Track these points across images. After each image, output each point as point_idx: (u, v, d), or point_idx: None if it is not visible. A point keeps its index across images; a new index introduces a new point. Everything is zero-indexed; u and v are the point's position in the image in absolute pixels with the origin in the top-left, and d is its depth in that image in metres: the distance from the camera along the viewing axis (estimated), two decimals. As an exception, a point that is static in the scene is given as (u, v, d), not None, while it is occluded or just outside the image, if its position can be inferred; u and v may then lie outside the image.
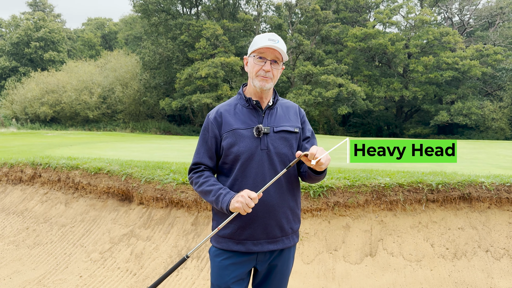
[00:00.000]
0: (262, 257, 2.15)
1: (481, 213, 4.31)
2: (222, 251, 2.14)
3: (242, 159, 2.07)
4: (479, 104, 33.30)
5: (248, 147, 2.07)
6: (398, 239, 4.19)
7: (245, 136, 2.08)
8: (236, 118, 2.12)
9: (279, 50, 2.06)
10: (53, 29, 48.34)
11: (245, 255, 2.12)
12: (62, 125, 36.60)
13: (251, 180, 2.07)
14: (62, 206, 5.72)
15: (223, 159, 2.13)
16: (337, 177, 4.55)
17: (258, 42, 2.09)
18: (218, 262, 2.13)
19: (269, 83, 2.10)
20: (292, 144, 2.16)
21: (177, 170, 5.23)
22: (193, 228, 4.61)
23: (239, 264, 2.11)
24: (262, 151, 2.08)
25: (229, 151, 2.09)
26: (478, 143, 17.86)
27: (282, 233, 2.15)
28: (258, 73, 2.09)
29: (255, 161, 2.07)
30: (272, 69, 2.09)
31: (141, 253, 4.52)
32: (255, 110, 2.15)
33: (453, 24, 40.87)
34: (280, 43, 2.07)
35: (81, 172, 5.72)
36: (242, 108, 2.16)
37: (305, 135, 2.27)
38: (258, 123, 2.11)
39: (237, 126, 2.10)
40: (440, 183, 4.33)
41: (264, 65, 2.08)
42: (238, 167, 2.08)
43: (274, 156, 2.09)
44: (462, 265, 3.96)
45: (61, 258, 4.77)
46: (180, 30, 34.77)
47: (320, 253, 4.15)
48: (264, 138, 2.09)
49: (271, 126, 2.12)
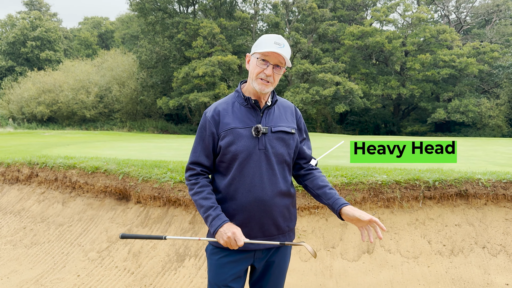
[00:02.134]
0: (259, 254, 2.16)
1: (477, 210, 4.33)
2: (220, 249, 2.14)
3: (240, 159, 2.07)
4: (476, 102, 33.41)
5: (246, 147, 2.06)
6: (395, 236, 4.21)
7: (243, 135, 2.08)
8: (234, 116, 2.12)
9: (284, 56, 2.03)
10: (49, 28, 48.15)
11: (242, 253, 2.13)
12: (59, 125, 36.51)
13: (249, 180, 2.07)
14: (59, 205, 5.71)
15: (221, 158, 2.13)
16: (334, 175, 4.55)
17: (263, 44, 2.06)
18: (216, 260, 2.14)
19: (268, 88, 2.09)
20: (290, 144, 2.17)
21: (174, 168, 5.23)
22: (191, 226, 4.61)
23: (236, 261, 2.12)
24: (260, 151, 2.08)
25: (227, 150, 2.08)
26: (475, 141, 17.92)
27: (279, 231, 2.16)
28: (259, 75, 2.07)
29: (252, 161, 2.07)
30: (274, 74, 2.07)
31: (139, 252, 4.52)
32: (254, 109, 2.14)
33: (450, 21, 40.96)
34: (285, 48, 2.04)
35: (78, 171, 5.71)
36: (240, 106, 2.15)
37: (302, 136, 2.29)
38: (256, 122, 2.11)
39: (235, 125, 2.09)
40: (437, 180, 4.35)
41: (266, 68, 2.05)
42: (236, 166, 2.08)
43: (271, 156, 2.10)
44: (459, 261, 3.98)
45: (59, 257, 4.77)
46: (177, 28, 34.70)
47: (318, 250, 4.16)
48: (262, 138, 2.09)
49: (269, 126, 2.12)
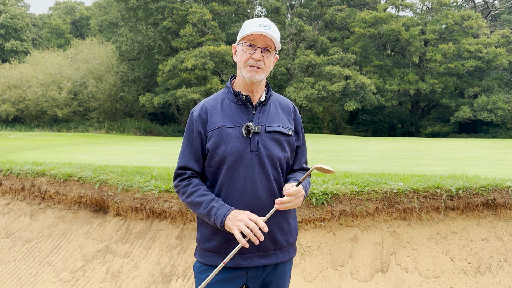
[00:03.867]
0: (253, 273, 2.16)
1: (507, 222, 4.35)
2: (208, 267, 2.14)
3: (228, 162, 2.08)
4: (506, 98, 33.56)
5: (235, 148, 2.07)
6: (413, 252, 4.22)
7: (233, 135, 2.09)
8: (223, 114, 2.13)
9: (271, 37, 2.07)
10: (15, 14, 48.17)
11: (233, 271, 2.12)
12: (27, 126, 36.50)
13: (240, 186, 2.08)
14: (26, 218, 5.71)
15: (208, 162, 2.14)
16: (343, 182, 4.57)
17: (247, 28, 2.10)
18: (204, 279, 2.14)
19: (260, 75, 2.11)
20: (285, 147, 2.18)
21: (159, 176, 5.24)
22: (178, 242, 4.61)
23: (227, 281, 2.12)
24: (252, 153, 2.09)
25: (215, 153, 2.09)
26: (505, 143, 18.00)
27: (276, 246, 2.17)
28: (247, 62, 2.10)
29: (243, 164, 2.08)
30: (264, 58, 2.10)
31: (119, 271, 4.52)
32: (245, 106, 2.16)
33: (476, 6, 41.18)
34: (272, 29, 2.08)
35: (48, 179, 5.71)
36: (230, 103, 2.17)
37: (299, 141, 2.29)
38: (247, 121, 2.12)
39: (224, 124, 2.10)
40: (461, 188, 4.36)
41: (254, 53, 2.09)
42: (225, 171, 2.09)
43: (265, 159, 2.11)
44: (486, 281, 3.99)
45: (26, 278, 4.76)
46: (162, 14, 34.78)
47: (324, 269, 4.16)
48: (254, 138, 2.10)
49: (263, 125, 2.13)
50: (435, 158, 10.80)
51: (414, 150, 13.95)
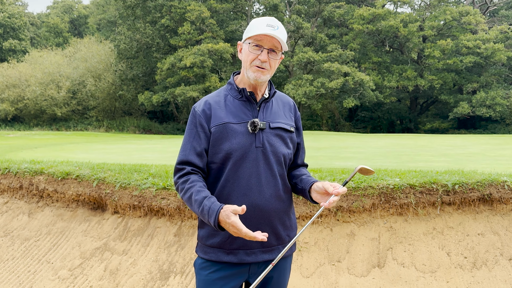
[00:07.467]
0: (255, 269, 2.16)
1: (503, 217, 4.36)
2: (210, 263, 2.14)
3: (234, 158, 2.08)
4: (505, 94, 33.56)
5: (241, 144, 2.08)
6: (409, 247, 4.24)
7: (238, 131, 2.09)
8: (227, 111, 2.13)
9: (278, 39, 2.06)
10: (13, 13, 48.08)
11: (236, 267, 2.12)
12: (26, 125, 36.48)
13: (244, 182, 2.08)
14: (25, 217, 5.72)
15: (211, 158, 2.13)
16: (340, 178, 4.58)
17: (254, 27, 2.09)
18: (205, 275, 2.14)
19: (265, 75, 2.11)
20: (288, 143, 2.19)
21: (157, 173, 5.25)
22: (176, 239, 4.63)
23: (229, 277, 2.12)
24: (257, 149, 2.09)
25: (219, 149, 2.09)
26: (503, 138, 18.02)
27: (278, 241, 2.17)
28: (253, 62, 2.09)
29: (249, 160, 2.08)
30: (270, 60, 2.10)
31: (117, 269, 4.53)
32: (249, 102, 2.16)
33: (474, 2, 41.13)
34: (279, 30, 2.08)
35: (46, 178, 5.72)
36: (233, 100, 2.17)
37: (299, 138, 2.32)
38: (252, 117, 2.12)
39: (228, 120, 2.10)
40: (457, 183, 4.37)
41: (260, 54, 2.08)
42: (230, 167, 2.09)
43: (270, 155, 2.11)
44: (483, 275, 4.01)
45: (25, 276, 4.77)
46: (160, 12, 34.72)
47: (322, 265, 4.18)
48: (259, 134, 2.10)
49: (267, 121, 2.14)
50: (433, 154, 10.82)
51: (413, 146, 13.97)
